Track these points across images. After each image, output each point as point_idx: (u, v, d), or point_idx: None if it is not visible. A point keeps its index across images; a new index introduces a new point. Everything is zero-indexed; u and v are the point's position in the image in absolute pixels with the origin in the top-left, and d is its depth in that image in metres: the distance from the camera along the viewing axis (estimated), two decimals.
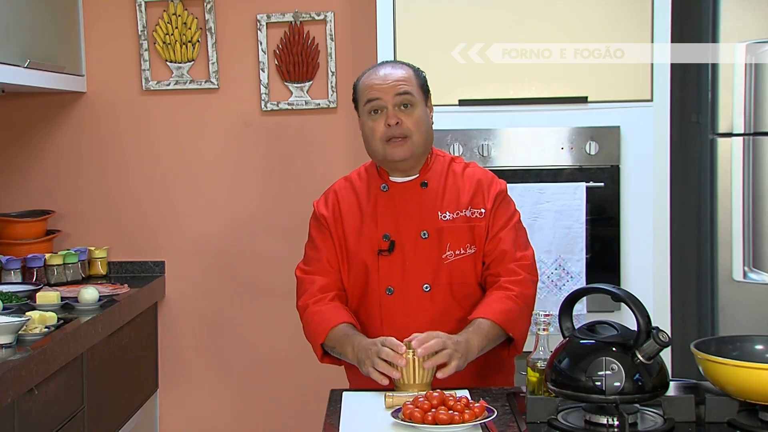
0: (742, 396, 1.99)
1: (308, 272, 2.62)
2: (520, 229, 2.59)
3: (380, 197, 2.58)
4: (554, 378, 2.02)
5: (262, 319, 3.97)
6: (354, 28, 3.86)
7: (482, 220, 2.53)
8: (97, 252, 3.85)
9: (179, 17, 3.85)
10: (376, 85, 2.53)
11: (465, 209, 2.54)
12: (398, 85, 2.52)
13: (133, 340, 3.61)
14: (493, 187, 2.57)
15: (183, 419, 4.02)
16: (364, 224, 2.57)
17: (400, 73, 2.55)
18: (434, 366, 2.25)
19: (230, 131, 3.93)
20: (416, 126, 2.51)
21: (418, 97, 2.54)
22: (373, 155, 2.58)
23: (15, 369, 2.41)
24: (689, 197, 3.66)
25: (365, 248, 2.55)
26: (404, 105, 2.52)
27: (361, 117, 2.59)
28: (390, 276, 2.52)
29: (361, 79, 2.60)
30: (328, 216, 2.62)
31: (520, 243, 2.55)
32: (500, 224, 2.54)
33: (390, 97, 2.51)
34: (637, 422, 1.99)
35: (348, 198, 2.62)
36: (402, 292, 2.51)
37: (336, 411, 2.19)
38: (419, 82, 2.57)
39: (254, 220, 3.95)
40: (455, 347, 2.29)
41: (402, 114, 2.51)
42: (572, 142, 3.38)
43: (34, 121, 3.94)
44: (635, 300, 2.01)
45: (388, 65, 2.61)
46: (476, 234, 2.52)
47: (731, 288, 3.39)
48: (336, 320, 2.48)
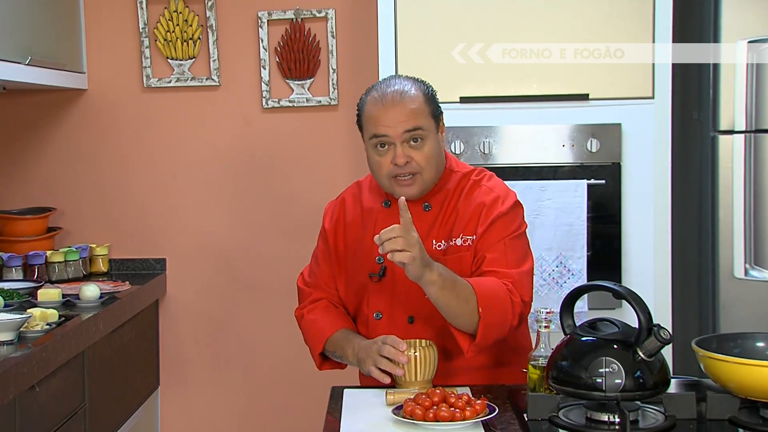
0: (743, 393, 1.98)
1: (307, 284, 2.60)
2: (513, 246, 2.37)
3: (381, 214, 2.46)
4: (555, 375, 2.02)
5: (263, 317, 3.97)
6: (355, 25, 3.86)
7: (469, 248, 2.37)
8: (99, 249, 3.85)
9: (180, 14, 3.85)
10: (382, 119, 2.33)
11: (457, 237, 2.38)
12: (408, 120, 2.32)
13: (134, 338, 3.61)
14: (492, 209, 2.38)
15: (184, 416, 4.02)
16: (363, 241, 2.47)
17: (410, 103, 2.33)
18: (389, 251, 2.12)
19: (231, 128, 3.93)
20: (427, 161, 2.34)
21: (429, 128, 2.35)
22: (381, 186, 2.44)
23: (16, 366, 2.41)
24: (690, 195, 3.65)
25: (361, 268, 2.47)
26: (414, 140, 2.34)
27: (366, 145, 2.41)
28: (379, 301, 2.44)
29: (366, 103, 2.39)
30: (330, 230, 2.55)
31: (509, 260, 2.34)
32: (489, 244, 2.35)
33: (398, 133, 2.32)
34: (638, 419, 1.98)
35: (353, 209, 2.53)
36: (389, 319, 2.43)
37: (337, 408, 2.19)
38: (431, 109, 2.38)
39: (255, 218, 3.95)
40: (419, 247, 2.13)
41: (411, 150, 2.33)
42: (573, 139, 3.38)
43: (35, 119, 3.94)
44: (636, 297, 2.00)
45: (397, 86, 2.37)
46: (463, 264, 2.36)
47: (732, 285, 3.39)
48: (332, 328, 2.46)
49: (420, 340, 2.31)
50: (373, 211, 2.49)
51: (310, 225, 3.67)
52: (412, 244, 2.13)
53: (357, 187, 2.58)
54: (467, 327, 2.26)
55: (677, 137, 3.49)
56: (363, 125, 2.40)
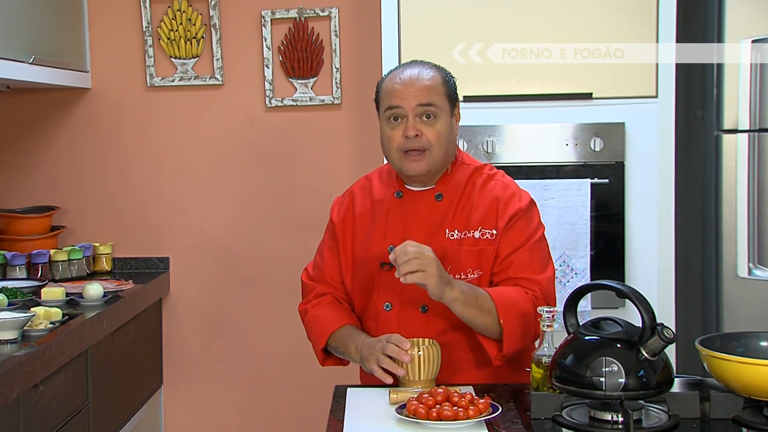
0: (746, 392, 1.97)
1: (312, 278, 2.60)
2: (537, 249, 2.40)
3: (393, 204, 2.47)
4: (559, 374, 2.02)
5: (266, 315, 3.97)
6: (358, 24, 3.86)
7: (491, 243, 2.37)
8: (102, 248, 3.85)
9: (184, 13, 3.85)
10: (398, 91, 2.37)
11: (475, 230, 2.39)
12: (422, 94, 2.36)
13: (137, 336, 3.61)
14: (510, 205, 2.40)
15: (187, 415, 4.02)
16: (374, 231, 2.47)
17: (426, 81, 2.38)
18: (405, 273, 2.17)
19: (234, 127, 3.93)
20: (437, 139, 2.36)
21: (443, 108, 2.38)
22: (390, 162, 2.45)
23: (20, 365, 2.41)
24: (694, 194, 3.65)
25: (372, 257, 2.46)
26: (427, 116, 2.37)
27: (380, 121, 2.44)
28: (389, 292, 2.42)
29: (385, 80, 2.44)
30: (338, 222, 2.54)
31: (535, 266, 2.37)
32: (514, 246, 2.37)
33: (412, 106, 2.35)
34: (641, 419, 1.98)
35: (363, 202, 2.53)
36: (399, 310, 2.42)
37: (340, 407, 2.19)
38: (447, 90, 2.41)
39: (258, 216, 3.95)
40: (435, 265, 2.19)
41: (423, 125, 2.36)
42: (577, 138, 3.38)
43: (38, 118, 3.94)
44: (640, 296, 2.00)
45: (416, 68, 2.42)
46: (483, 258, 2.37)
47: (736, 284, 3.38)
48: (336, 324, 2.45)
49: (423, 339, 2.30)
50: (384, 202, 2.49)
51: (313, 223, 3.71)
52: (427, 263, 2.18)
53: (366, 180, 2.58)
54: (495, 336, 2.31)
55: (681, 136, 3.49)
56: (380, 100, 2.45)
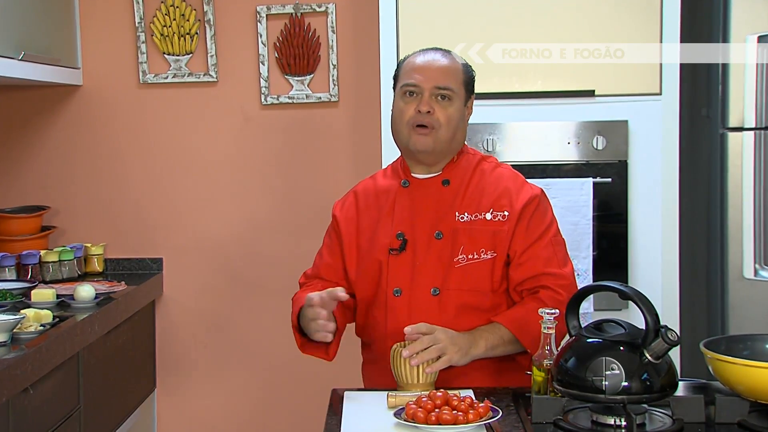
0: (752, 396, 1.97)
1: (308, 277, 2.62)
2: (558, 243, 2.47)
3: (400, 193, 2.51)
4: (560, 378, 2.00)
5: (261, 318, 3.96)
6: (356, 20, 3.84)
7: (505, 223, 2.42)
8: (94, 249, 3.84)
9: (177, 9, 3.84)
10: (419, 68, 2.46)
11: (486, 212, 2.43)
12: (441, 76, 2.45)
13: (130, 339, 3.61)
14: (524, 191, 2.47)
15: (181, 419, 4.01)
16: (380, 221, 2.50)
17: (447, 65, 2.47)
18: (422, 362, 2.23)
19: (229, 125, 3.92)
20: (447, 120, 2.43)
21: (458, 93, 2.46)
22: (398, 138, 2.50)
23: (10, 368, 2.42)
24: (699, 193, 3.65)
25: (379, 246, 2.48)
26: (442, 97, 2.44)
27: (394, 96, 2.51)
28: (398, 276, 2.44)
29: (408, 57, 2.52)
30: (341, 217, 2.57)
31: (559, 259, 2.44)
32: (534, 237, 2.42)
33: (430, 86, 2.43)
34: (645, 423, 1.97)
35: (367, 198, 2.57)
36: (409, 295, 2.43)
37: (337, 411, 2.18)
38: (465, 78, 2.50)
39: (254, 216, 3.94)
40: (451, 341, 2.26)
41: (437, 104, 2.44)
42: (579, 136, 3.36)
43: (29, 115, 3.93)
44: (643, 298, 1.99)
45: (439, 52, 2.51)
46: (498, 239, 2.41)
47: (742, 286, 3.38)
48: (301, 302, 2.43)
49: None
50: (391, 192, 2.53)
51: (310, 223, 3.73)
52: (443, 347, 2.24)
53: (371, 180, 2.63)
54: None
55: (685, 134, 3.48)
56: (399, 77, 2.52)
